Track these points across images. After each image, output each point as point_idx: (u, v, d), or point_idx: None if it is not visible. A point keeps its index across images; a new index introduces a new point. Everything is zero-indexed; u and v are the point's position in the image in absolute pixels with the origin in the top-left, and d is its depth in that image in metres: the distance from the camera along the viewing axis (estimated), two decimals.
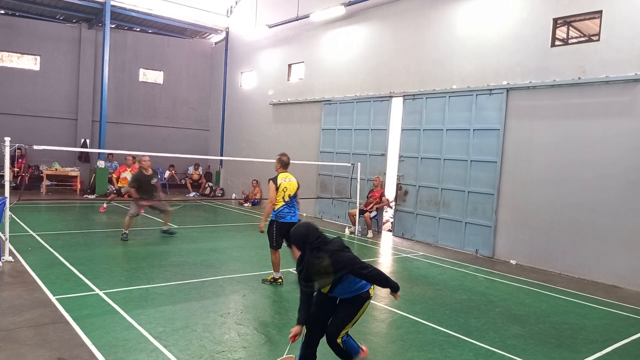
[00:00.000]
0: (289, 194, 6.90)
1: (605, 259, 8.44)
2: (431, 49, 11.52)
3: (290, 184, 6.97)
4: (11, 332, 4.67)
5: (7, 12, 17.22)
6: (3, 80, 16.89)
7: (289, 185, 6.94)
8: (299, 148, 15.30)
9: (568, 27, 9.48)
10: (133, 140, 18.67)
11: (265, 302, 6.16)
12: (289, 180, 7.00)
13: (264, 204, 16.68)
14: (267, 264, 8.24)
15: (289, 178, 7.03)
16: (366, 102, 13.18)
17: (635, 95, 8.21)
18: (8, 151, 7.23)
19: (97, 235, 9.92)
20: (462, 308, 6.46)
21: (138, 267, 7.45)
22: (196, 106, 20.92)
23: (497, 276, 8.52)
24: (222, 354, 4.49)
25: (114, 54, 18.11)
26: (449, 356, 4.80)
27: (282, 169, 7.13)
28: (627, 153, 8.23)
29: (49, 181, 16.81)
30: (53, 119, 17.77)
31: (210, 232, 11.40)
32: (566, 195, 8.99)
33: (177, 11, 18.06)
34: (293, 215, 6.93)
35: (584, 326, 6.05)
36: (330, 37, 14.47)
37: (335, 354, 4.11)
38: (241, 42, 18.72)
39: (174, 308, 5.66)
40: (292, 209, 6.95)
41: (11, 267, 6.95)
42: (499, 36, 10.14)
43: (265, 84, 17.27)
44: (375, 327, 5.56)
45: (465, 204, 10.58)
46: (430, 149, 11.42)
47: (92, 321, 5.04)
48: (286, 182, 6.95)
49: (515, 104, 9.85)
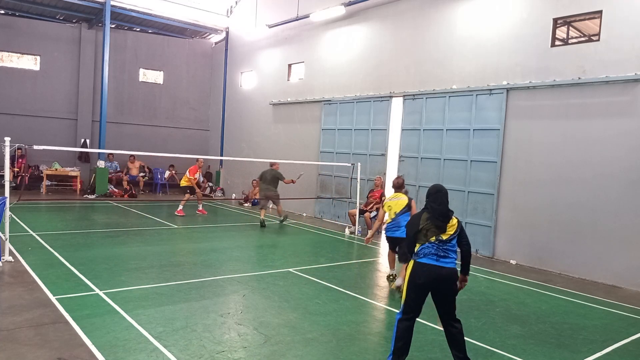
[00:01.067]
0: (395, 211, 7.32)
1: (605, 259, 8.44)
2: (431, 49, 11.52)
3: (397, 203, 7.39)
4: (11, 332, 4.67)
5: (7, 12, 17.22)
6: (3, 80, 16.89)
7: (394, 204, 7.39)
8: (299, 148, 15.31)
9: (568, 27, 9.49)
10: (133, 140, 18.67)
11: (265, 302, 6.16)
12: (397, 200, 7.44)
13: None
14: (267, 264, 8.26)
15: (397, 197, 7.47)
16: (366, 102, 13.18)
17: (635, 95, 8.21)
18: (8, 151, 7.23)
19: (97, 235, 9.92)
20: (462, 308, 6.45)
21: (138, 267, 7.45)
22: (196, 106, 20.92)
23: (497, 276, 8.52)
24: (222, 354, 4.49)
25: (114, 54, 18.10)
26: (449, 356, 4.80)
27: (395, 190, 7.62)
28: (627, 153, 8.23)
29: (49, 181, 16.80)
30: (53, 119, 17.77)
31: (210, 232, 11.41)
32: (566, 195, 8.99)
33: (177, 11, 18.06)
34: (395, 231, 7.27)
35: (584, 326, 6.05)
36: (330, 37, 14.47)
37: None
38: (241, 42, 18.72)
39: (174, 308, 5.66)
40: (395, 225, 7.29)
41: (11, 267, 6.95)
42: (499, 36, 10.14)
43: (265, 84, 17.27)
44: (375, 327, 5.56)
45: (465, 204, 10.58)
46: (430, 149, 11.42)
47: (92, 321, 5.04)
48: (392, 201, 7.44)
49: (515, 104, 9.85)
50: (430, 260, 4.28)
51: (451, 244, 4.34)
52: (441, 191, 4.54)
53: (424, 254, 4.32)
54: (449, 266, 4.27)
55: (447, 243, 4.32)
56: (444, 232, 4.35)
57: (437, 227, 4.34)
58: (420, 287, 4.30)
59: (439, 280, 4.25)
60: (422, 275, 4.27)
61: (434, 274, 4.24)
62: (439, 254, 4.29)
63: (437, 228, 4.34)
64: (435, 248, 4.30)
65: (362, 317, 5.87)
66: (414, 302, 4.33)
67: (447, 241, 4.32)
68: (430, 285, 4.28)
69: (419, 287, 4.30)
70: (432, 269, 4.25)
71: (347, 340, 5.05)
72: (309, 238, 11.55)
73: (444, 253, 4.30)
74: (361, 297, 6.66)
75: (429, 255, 4.30)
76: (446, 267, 4.25)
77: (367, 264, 9.04)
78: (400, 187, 7.56)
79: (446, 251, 4.31)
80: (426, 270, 4.26)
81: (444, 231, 4.35)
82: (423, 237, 4.36)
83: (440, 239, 4.32)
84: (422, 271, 4.27)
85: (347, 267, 8.51)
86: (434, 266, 4.25)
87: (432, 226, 4.34)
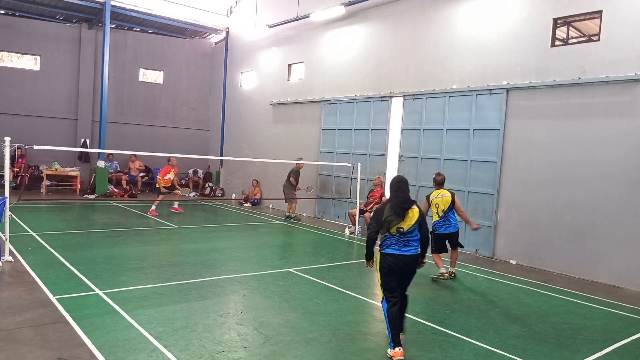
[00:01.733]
0: (442, 209, 7.68)
1: (605, 259, 8.44)
2: (431, 49, 11.52)
3: (443, 200, 7.70)
4: (11, 332, 4.67)
5: (7, 12, 17.22)
6: (3, 80, 16.89)
7: (440, 202, 7.71)
8: (299, 148, 15.30)
9: (568, 27, 9.48)
10: (133, 140, 18.67)
11: (265, 302, 6.16)
12: (442, 197, 7.74)
13: (263, 204, 16.71)
14: (267, 264, 8.26)
15: (442, 194, 7.76)
16: (366, 102, 13.17)
17: (635, 95, 8.21)
18: (8, 151, 7.23)
19: (97, 235, 9.92)
20: (462, 308, 6.46)
21: (138, 267, 7.45)
22: (196, 106, 20.92)
23: (497, 276, 8.52)
24: (222, 354, 4.49)
25: (114, 54, 18.10)
26: (449, 356, 4.80)
27: (437, 187, 7.93)
28: (627, 153, 8.23)
29: (49, 181, 16.80)
30: (53, 119, 17.77)
31: (210, 232, 11.40)
32: (566, 195, 8.99)
33: (177, 11, 18.06)
34: (447, 227, 7.75)
35: (584, 326, 6.05)
36: (330, 37, 14.47)
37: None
38: (241, 42, 18.72)
39: (174, 308, 5.66)
40: (446, 222, 7.76)
41: (11, 267, 6.95)
42: (499, 36, 10.14)
43: (265, 84, 17.27)
44: (375, 327, 5.56)
45: (465, 204, 10.56)
46: (430, 149, 11.42)
47: (92, 321, 5.04)
48: (438, 199, 7.75)
49: (515, 104, 9.85)
50: (393, 250, 4.83)
51: (412, 234, 4.86)
52: (402, 180, 5.08)
53: (387, 245, 4.87)
54: (410, 253, 4.85)
55: (407, 234, 4.83)
56: (405, 222, 4.81)
57: (398, 215, 4.81)
58: (389, 273, 4.85)
59: (402, 265, 4.84)
60: (389, 263, 4.83)
61: (399, 261, 4.81)
62: (400, 244, 4.82)
63: (398, 216, 4.81)
64: (397, 239, 4.83)
65: (362, 317, 5.87)
66: (390, 287, 4.86)
67: (407, 232, 4.83)
68: (397, 270, 4.84)
69: (389, 273, 4.85)
70: (396, 257, 4.81)
71: (347, 340, 5.05)
72: (309, 238, 11.55)
73: (405, 243, 4.83)
74: (361, 297, 6.67)
75: (392, 246, 4.84)
76: (408, 255, 4.84)
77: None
78: (442, 184, 7.84)
79: (407, 241, 4.84)
80: (391, 259, 4.82)
81: (404, 219, 4.81)
82: (386, 228, 4.83)
83: (401, 230, 4.82)
84: (388, 260, 4.83)
85: (347, 267, 8.51)
86: (397, 255, 4.81)
87: (394, 215, 4.81)
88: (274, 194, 15.95)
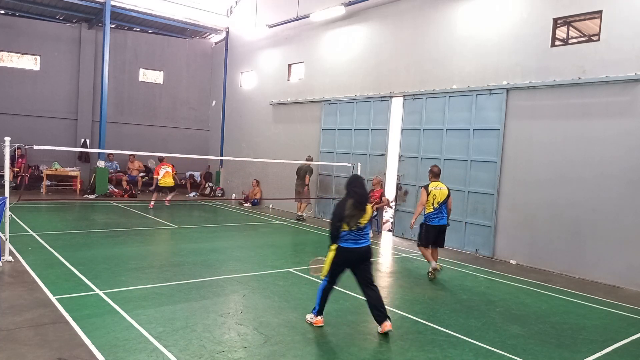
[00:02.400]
0: (438, 201, 7.77)
1: (605, 259, 8.44)
2: (431, 49, 11.52)
3: (440, 192, 7.81)
4: (11, 332, 4.67)
5: (7, 12, 17.22)
6: (3, 80, 16.89)
7: (438, 193, 7.81)
8: (299, 148, 15.30)
9: (568, 27, 9.48)
10: (133, 140, 18.67)
11: (265, 302, 6.16)
12: (439, 189, 7.84)
13: (263, 204, 16.71)
14: (267, 264, 8.26)
15: (439, 187, 7.87)
16: (366, 102, 13.17)
17: (635, 95, 8.21)
18: (8, 151, 7.22)
19: (97, 235, 9.92)
20: (462, 308, 6.46)
21: (138, 267, 7.45)
22: (196, 106, 20.92)
23: (497, 276, 8.52)
24: (222, 354, 4.49)
25: (114, 54, 18.10)
26: (449, 356, 4.80)
27: (433, 179, 7.98)
28: (627, 153, 8.23)
29: (49, 181, 16.80)
30: (53, 119, 17.77)
31: (210, 232, 11.40)
32: (566, 195, 8.99)
33: (177, 11, 18.06)
34: (440, 219, 7.86)
35: (584, 326, 6.05)
36: (330, 37, 14.47)
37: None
38: (241, 42, 18.72)
39: (174, 308, 5.66)
40: (440, 214, 7.86)
41: (11, 267, 6.95)
42: (499, 36, 10.14)
43: (265, 84, 17.27)
44: (375, 327, 5.56)
45: (465, 204, 10.58)
46: (430, 149, 11.42)
47: (92, 321, 5.04)
48: (436, 190, 7.83)
49: (515, 104, 9.85)
50: (350, 244, 5.23)
51: (365, 229, 5.33)
52: (360, 178, 5.51)
53: (345, 239, 5.22)
54: (364, 245, 5.31)
55: (362, 230, 5.27)
56: (363, 217, 5.22)
57: (359, 210, 5.20)
58: (342, 265, 5.30)
59: (358, 258, 5.29)
60: (345, 256, 5.23)
61: (355, 254, 5.26)
62: (356, 239, 5.23)
63: (359, 212, 5.19)
64: (354, 235, 5.22)
65: (362, 317, 5.87)
66: (336, 276, 5.38)
67: (363, 228, 5.27)
68: (351, 263, 5.31)
69: (341, 265, 5.30)
70: (353, 250, 5.24)
71: (347, 340, 5.05)
72: (309, 238, 11.55)
73: (360, 237, 5.26)
74: (361, 297, 6.62)
75: (349, 241, 5.22)
76: (363, 247, 5.30)
77: None
78: (439, 175, 7.94)
79: (362, 235, 5.27)
80: (347, 252, 5.22)
81: (363, 215, 5.21)
82: (347, 224, 5.16)
83: (359, 226, 5.22)
84: (345, 253, 5.22)
85: None
86: (354, 249, 5.24)
87: (355, 211, 5.17)
88: (274, 194, 15.96)
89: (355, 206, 5.17)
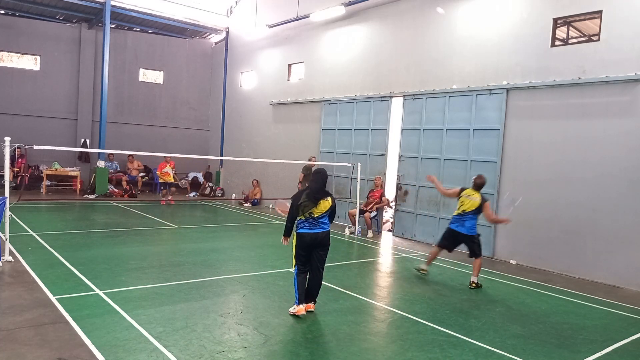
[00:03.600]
0: (464, 209, 7.63)
1: (605, 259, 8.44)
2: (431, 49, 11.52)
3: (470, 202, 7.58)
4: (11, 332, 4.67)
5: (7, 12, 17.22)
6: (3, 80, 16.89)
7: (466, 202, 7.62)
8: (299, 148, 15.30)
9: (568, 27, 9.48)
10: (133, 140, 18.66)
11: (265, 302, 6.16)
12: (471, 199, 7.60)
13: (263, 204, 16.71)
14: (267, 264, 8.25)
15: (472, 197, 7.62)
16: (366, 102, 13.17)
17: (635, 95, 8.21)
18: (8, 151, 7.22)
19: (97, 235, 9.92)
20: (462, 308, 6.46)
21: (138, 267, 7.45)
22: (196, 106, 20.92)
23: (497, 276, 8.52)
24: (222, 354, 4.49)
25: (114, 54, 18.10)
26: (449, 356, 4.80)
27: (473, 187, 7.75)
28: (627, 153, 8.23)
29: (49, 181, 16.79)
30: (53, 119, 17.77)
31: (210, 232, 11.40)
32: (566, 195, 8.99)
33: (177, 11, 18.06)
34: (459, 227, 7.67)
35: (584, 326, 6.05)
36: (330, 37, 14.47)
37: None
38: (241, 42, 18.72)
39: (174, 308, 5.66)
40: (460, 221, 7.68)
41: (11, 267, 6.95)
42: (499, 36, 10.14)
43: (265, 84, 17.27)
44: (375, 327, 5.56)
45: None
46: (430, 149, 11.42)
47: (92, 321, 5.04)
48: (466, 198, 7.65)
49: (515, 104, 9.85)
50: (305, 230, 5.64)
51: (322, 220, 5.67)
52: (319, 173, 5.84)
53: (300, 226, 5.67)
54: (320, 230, 5.65)
55: (317, 219, 5.62)
56: (316, 209, 5.58)
57: (311, 202, 5.55)
58: (301, 247, 5.66)
59: (315, 242, 5.65)
60: (303, 241, 5.63)
61: (311, 239, 5.62)
62: (311, 226, 5.62)
63: (312, 203, 5.56)
64: (309, 223, 5.62)
65: (362, 317, 5.87)
66: (302, 261, 5.70)
67: (317, 218, 5.62)
68: (310, 246, 5.64)
69: (301, 247, 5.66)
70: (308, 235, 5.62)
71: (347, 340, 5.05)
72: None
73: (315, 225, 5.62)
74: (361, 297, 6.66)
75: (304, 227, 5.64)
76: (319, 232, 5.64)
77: (367, 264, 9.03)
78: (479, 187, 7.66)
79: (318, 224, 5.63)
80: (303, 237, 5.64)
81: (316, 207, 5.57)
82: (301, 211, 5.59)
83: (312, 216, 5.60)
84: (302, 238, 5.64)
85: (347, 267, 8.51)
86: (309, 233, 5.63)
87: (308, 202, 5.55)
88: (274, 194, 15.95)
89: (309, 197, 5.57)
